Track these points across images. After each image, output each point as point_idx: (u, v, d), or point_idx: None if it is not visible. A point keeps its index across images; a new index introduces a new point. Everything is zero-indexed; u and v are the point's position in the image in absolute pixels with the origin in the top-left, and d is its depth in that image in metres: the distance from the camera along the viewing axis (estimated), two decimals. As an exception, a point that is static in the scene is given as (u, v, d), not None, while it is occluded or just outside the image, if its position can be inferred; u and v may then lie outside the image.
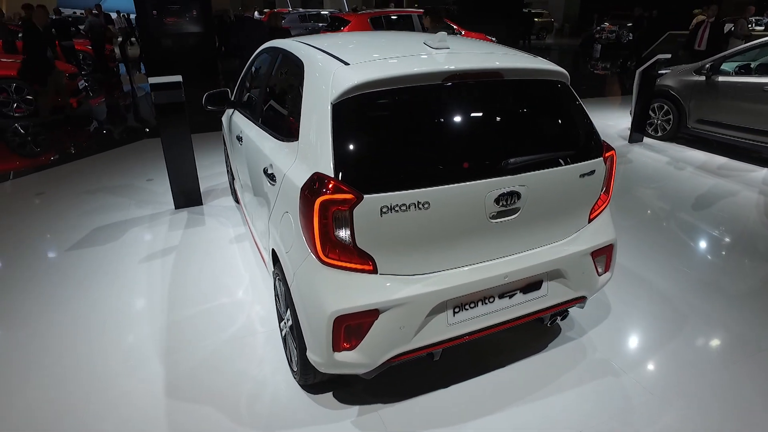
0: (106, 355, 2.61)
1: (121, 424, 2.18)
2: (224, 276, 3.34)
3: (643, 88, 6.41)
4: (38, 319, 2.92)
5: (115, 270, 3.44)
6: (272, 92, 2.85)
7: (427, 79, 1.91)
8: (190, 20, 11.71)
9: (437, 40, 2.19)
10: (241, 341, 2.70)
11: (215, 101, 3.57)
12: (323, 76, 2.00)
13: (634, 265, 3.46)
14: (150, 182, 5.14)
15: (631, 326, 2.82)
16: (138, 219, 4.26)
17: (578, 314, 2.89)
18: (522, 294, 2.16)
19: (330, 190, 1.75)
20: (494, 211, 1.95)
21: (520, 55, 2.27)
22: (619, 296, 3.09)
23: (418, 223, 1.84)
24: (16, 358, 2.59)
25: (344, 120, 1.84)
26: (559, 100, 2.21)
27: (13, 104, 8.27)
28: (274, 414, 2.22)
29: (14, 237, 3.99)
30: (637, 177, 5.40)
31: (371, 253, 1.85)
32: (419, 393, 2.34)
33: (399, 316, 1.90)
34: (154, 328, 2.82)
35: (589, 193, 2.24)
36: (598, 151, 2.20)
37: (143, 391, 2.36)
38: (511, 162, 1.94)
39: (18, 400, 2.31)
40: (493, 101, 2.07)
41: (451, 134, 1.94)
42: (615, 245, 2.40)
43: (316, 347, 1.93)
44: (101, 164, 5.93)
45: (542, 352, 2.61)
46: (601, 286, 2.42)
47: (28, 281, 3.33)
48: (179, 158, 4.28)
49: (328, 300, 1.85)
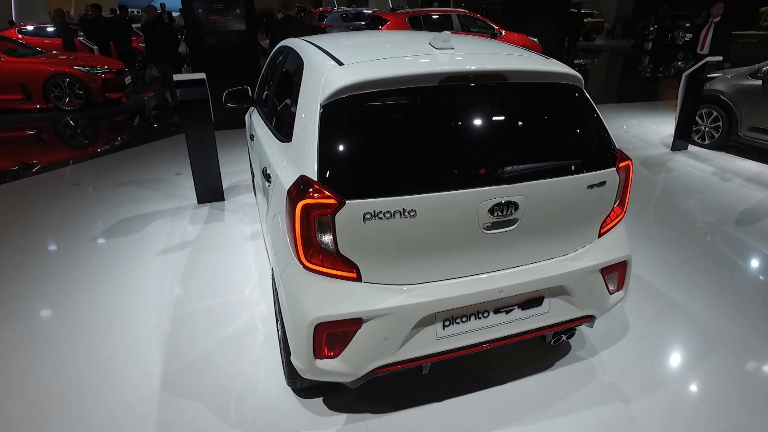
0: (110, 345, 2.67)
1: (117, 411, 2.22)
2: (234, 273, 3.37)
3: (689, 92, 6.03)
4: (52, 305, 3.03)
5: (132, 262, 3.53)
6: (278, 91, 2.84)
7: (422, 81, 1.83)
8: (233, 18, 11.98)
9: (441, 40, 2.10)
10: (240, 339, 2.70)
11: (235, 99, 3.59)
12: (317, 75, 1.95)
13: (663, 283, 3.23)
14: (179, 176, 5.27)
15: (649, 350, 2.62)
16: (161, 212, 4.37)
17: (591, 333, 2.72)
18: (520, 310, 2.04)
19: (312, 193, 1.70)
20: (489, 221, 1.84)
21: (530, 56, 2.14)
22: (640, 316, 2.89)
23: (404, 231, 1.76)
24: (24, 343, 2.69)
25: (332, 122, 1.78)
26: (569, 106, 2.07)
27: (65, 98, 8.70)
28: (261, 416, 2.20)
29: (45, 224, 4.18)
30: (678, 187, 5.07)
31: (355, 260, 1.79)
32: (410, 405, 2.26)
33: (383, 326, 1.83)
34: (159, 320, 2.86)
35: (599, 206, 2.09)
36: (610, 161, 2.05)
37: (139, 382, 2.39)
38: (508, 170, 1.83)
39: (20, 384, 2.39)
40: (494, 105, 1.95)
41: (443, 139, 1.85)
42: (629, 262, 2.24)
43: (299, 353, 1.89)
44: (137, 157, 6.15)
45: (547, 371, 2.47)
46: (613, 305, 2.26)
47: (48, 268, 3.47)
48: (203, 154, 4.36)
49: (309, 306, 1.80)
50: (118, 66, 9.44)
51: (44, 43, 11.35)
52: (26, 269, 3.45)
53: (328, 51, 2.15)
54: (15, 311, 2.98)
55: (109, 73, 8.98)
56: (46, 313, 2.97)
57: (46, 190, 5.03)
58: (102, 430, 2.13)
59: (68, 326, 2.84)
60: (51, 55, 9.38)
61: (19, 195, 4.93)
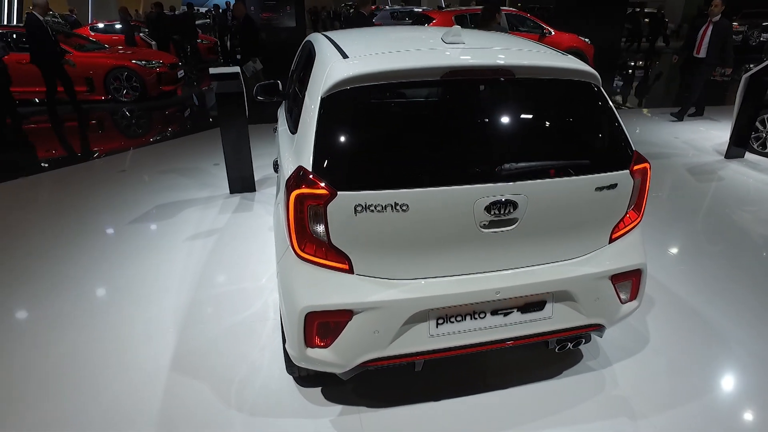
0: (131, 321, 2.81)
1: (128, 383, 2.35)
2: (254, 261, 3.45)
3: (749, 96, 5.63)
4: (81, 282, 3.23)
5: (161, 246, 3.69)
6: (295, 85, 2.88)
7: (423, 75, 1.80)
8: (284, 15, 12.27)
9: (452, 34, 2.06)
10: (250, 326, 2.77)
11: (266, 92, 3.67)
12: (322, 68, 1.97)
13: (696, 298, 3.03)
14: (216, 167, 5.45)
15: (667, 366, 2.47)
16: (195, 200, 4.55)
17: (606, 343, 2.60)
18: (520, 313, 1.98)
19: (306, 184, 1.72)
20: (485, 220, 1.80)
21: (542, 52, 2.07)
22: (663, 330, 2.73)
23: (396, 225, 1.74)
24: (49, 316, 2.88)
25: (331, 114, 1.79)
26: (582, 104, 1.99)
27: (123, 90, 9.21)
28: (261, 400, 2.25)
29: (89, 207, 4.45)
30: (730, 198, 4.74)
31: (347, 251, 1.79)
32: (406, 402, 2.24)
33: (373, 319, 1.83)
34: (178, 302, 2.98)
35: (609, 210, 1.99)
36: (623, 163, 1.95)
37: (153, 358, 2.51)
38: (507, 168, 1.78)
39: (47, 350, 2.56)
40: (498, 101, 1.90)
41: (441, 134, 1.82)
42: (644, 271, 2.12)
43: (291, 340, 1.92)
44: (180, 147, 6.43)
45: (553, 379, 2.38)
46: (624, 316, 2.16)
47: (86, 248, 3.69)
48: (236, 145, 4.49)
49: (300, 295, 1.83)
50: (172, 60, 9.90)
51: (112, 40, 12.05)
52: (72, 247, 3.69)
53: (338, 45, 2.16)
54: (59, 285, 3.19)
55: (164, 66, 9.42)
56: (80, 289, 3.16)
57: (96, 176, 5.35)
58: (112, 400, 2.25)
59: (96, 302, 3.02)
60: (113, 50, 9.95)
61: (73, 179, 5.27)
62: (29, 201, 4.64)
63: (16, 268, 3.40)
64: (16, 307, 2.98)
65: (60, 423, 2.14)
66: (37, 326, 2.80)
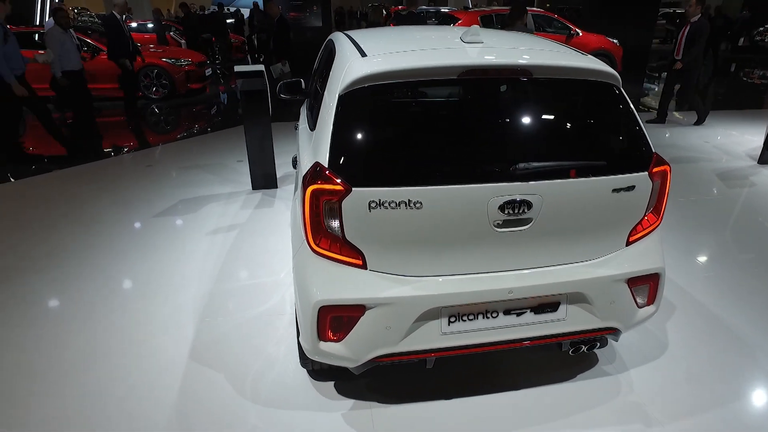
0: (152, 312, 2.90)
1: (145, 373, 2.42)
2: (273, 257, 3.51)
3: (784, 100, 5.44)
4: (106, 271, 3.34)
5: (184, 239, 3.79)
6: (316, 83, 2.92)
7: (440, 73, 1.81)
8: (311, 15, 12.38)
9: (470, 34, 2.07)
10: (267, 319, 2.82)
11: (289, 90, 3.73)
12: (341, 67, 2.00)
13: (720, 306, 2.94)
14: (239, 163, 5.55)
15: (687, 375, 2.42)
16: (218, 195, 4.65)
17: (623, 348, 2.56)
18: (533, 314, 1.97)
19: (321, 179, 1.75)
20: (499, 219, 1.80)
21: (562, 52, 2.05)
22: (683, 337, 2.68)
23: (410, 222, 1.76)
24: (74, 303, 2.98)
25: (348, 111, 1.81)
26: (601, 104, 1.97)
27: (153, 87, 9.44)
28: (274, 393, 2.29)
29: (117, 200, 4.59)
30: (763, 204, 4.57)
31: (361, 247, 1.81)
32: (418, 399, 2.25)
33: (385, 315, 1.85)
34: (198, 294, 3.06)
35: (627, 212, 1.97)
36: (642, 165, 1.92)
37: (173, 348, 2.58)
38: (521, 167, 1.77)
39: (76, 335, 2.66)
40: (516, 100, 1.90)
41: (457, 133, 1.82)
42: (662, 276, 2.08)
43: (305, 333, 1.95)
44: (206, 143, 6.57)
45: (568, 382, 2.36)
46: (641, 320, 2.12)
47: (113, 239, 3.81)
48: (259, 142, 4.57)
49: (314, 288, 1.86)
50: (201, 59, 10.10)
51: (144, 38, 12.40)
52: (100, 238, 3.82)
53: (358, 43, 2.19)
54: (85, 274, 3.31)
55: (192, 65, 9.63)
56: (104, 279, 3.26)
57: (124, 170, 5.51)
58: (132, 386, 2.33)
59: (119, 292, 3.12)
60: (145, 48, 10.21)
61: (102, 173, 5.44)
62: (61, 193, 4.81)
63: (45, 256, 3.54)
64: (44, 294, 3.10)
65: (79, 407, 2.22)
66: (63, 313, 2.91)
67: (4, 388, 2.32)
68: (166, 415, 2.17)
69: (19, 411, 2.20)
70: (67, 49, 6.25)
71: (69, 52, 6.30)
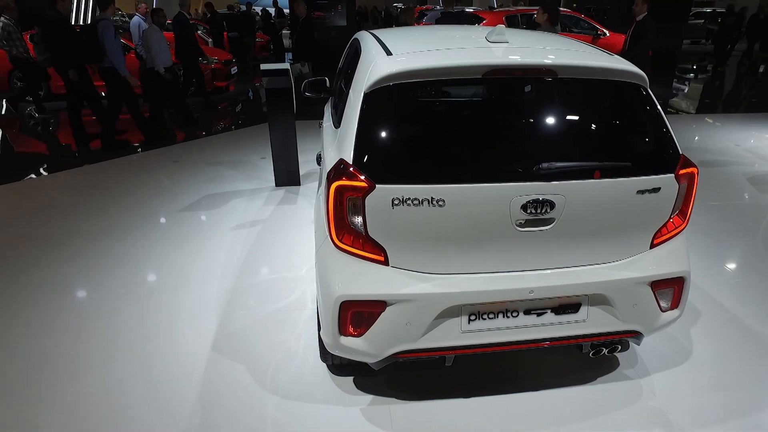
0: (175, 303, 2.97)
1: (169, 362, 2.48)
2: (295, 252, 3.56)
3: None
4: (132, 262, 3.44)
5: (208, 234, 3.87)
6: (341, 81, 2.95)
7: (465, 73, 1.82)
8: (335, 14, 12.47)
9: (495, 33, 2.07)
10: (288, 314, 2.86)
11: (313, 88, 3.77)
12: (366, 65, 2.02)
13: (748, 313, 2.87)
14: (263, 160, 5.63)
15: (712, 382, 2.37)
16: (242, 191, 4.73)
17: (645, 352, 2.53)
18: (553, 314, 1.97)
19: (346, 176, 1.77)
20: (521, 218, 1.80)
21: (588, 52, 2.04)
22: (708, 343, 2.62)
23: (432, 220, 1.77)
24: (102, 293, 3.08)
25: (373, 109, 1.84)
26: (627, 105, 1.95)
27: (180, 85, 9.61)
28: (294, 386, 2.33)
29: (144, 194, 4.71)
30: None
31: (383, 243, 1.84)
32: (436, 396, 2.26)
33: (406, 312, 1.86)
34: (221, 288, 3.12)
35: (652, 214, 1.94)
36: (668, 167, 1.89)
37: (195, 339, 2.64)
38: (545, 167, 1.77)
39: (104, 323, 2.75)
40: (540, 100, 1.90)
41: (480, 132, 1.83)
42: (687, 279, 2.06)
43: (326, 328, 1.98)
44: (231, 140, 6.68)
45: (587, 385, 2.34)
46: (664, 324, 2.10)
47: (140, 232, 3.92)
48: (283, 140, 4.63)
49: (336, 283, 1.89)
50: (227, 57, 10.25)
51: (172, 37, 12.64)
52: (127, 231, 3.93)
53: (383, 42, 2.21)
54: (112, 264, 3.41)
55: (218, 63, 9.78)
56: (131, 270, 3.36)
57: (152, 165, 5.64)
58: (154, 377, 2.39)
59: (146, 283, 3.22)
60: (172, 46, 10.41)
61: (131, 168, 5.58)
62: (94, 185, 4.95)
63: (74, 247, 3.66)
64: (73, 282, 3.21)
65: (102, 395, 2.29)
66: (90, 302, 3.00)
67: (31, 373, 2.41)
68: (187, 405, 2.22)
69: (44, 396, 2.28)
70: (162, 47, 6.72)
71: (163, 51, 6.75)
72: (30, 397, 2.27)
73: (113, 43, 5.65)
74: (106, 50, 5.62)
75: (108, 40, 5.60)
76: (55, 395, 2.28)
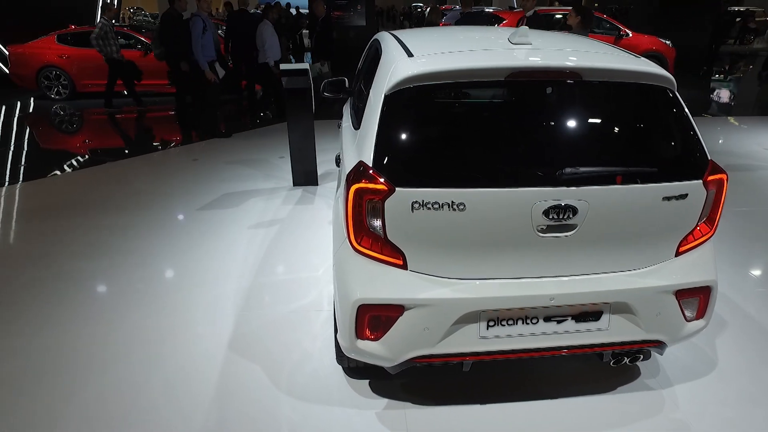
0: (193, 301, 2.99)
1: (186, 360, 2.50)
2: (312, 253, 3.56)
3: None
4: (150, 259, 3.49)
5: (226, 232, 3.90)
6: (361, 82, 2.94)
7: (488, 75, 1.80)
8: (354, 14, 12.48)
9: (518, 35, 2.04)
10: (305, 314, 2.86)
11: (332, 89, 3.77)
12: (387, 66, 2.01)
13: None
14: (281, 159, 5.66)
15: (739, 395, 2.30)
16: (260, 191, 4.76)
17: (667, 362, 2.47)
18: (574, 322, 1.93)
19: (365, 179, 1.76)
20: (543, 224, 1.76)
21: (613, 54, 1.99)
22: (733, 354, 2.55)
23: (452, 224, 1.75)
24: (121, 289, 3.12)
25: (393, 111, 1.82)
26: (654, 109, 1.90)
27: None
28: (310, 387, 2.33)
29: (164, 192, 4.77)
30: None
31: (402, 247, 1.82)
32: (453, 402, 2.24)
33: (424, 316, 1.84)
34: (239, 286, 3.14)
35: (678, 221, 1.89)
36: (696, 173, 1.84)
37: (212, 338, 2.66)
38: (568, 172, 1.73)
39: (121, 321, 2.79)
40: (563, 104, 1.85)
41: (502, 135, 1.80)
42: (714, 289, 2.00)
43: (343, 331, 1.97)
44: (250, 139, 6.73)
45: (608, 394, 2.30)
46: (689, 334, 2.04)
47: (159, 229, 3.96)
48: (301, 139, 4.65)
49: (354, 287, 1.87)
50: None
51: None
52: (146, 228, 3.99)
53: (404, 43, 2.19)
54: (131, 262, 3.46)
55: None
56: (150, 267, 3.40)
57: (172, 163, 5.73)
58: (173, 373, 2.41)
59: (164, 281, 3.25)
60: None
61: (151, 165, 5.67)
62: (116, 182, 5.04)
63: (95, 242, 3.72)
64: (92, 279, 3.26)
65: (121, 391, 2.32)
66: (108, 298, 3.04)
67: (47, 371, 2.45)
68: (202, 405, 2.23)
69: (60, 394, 2.32)
70: (273, 43, 7.16)
71: (274, 46, 7.27)
72: (46, 395, 2.30)
73: (198, 38, 6.04)
74: (192, 43, 6.06)
75: (194, 35, 6.03)
76: (71, 393, 2.31)
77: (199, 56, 6.13)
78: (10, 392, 2.31)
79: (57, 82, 9.29)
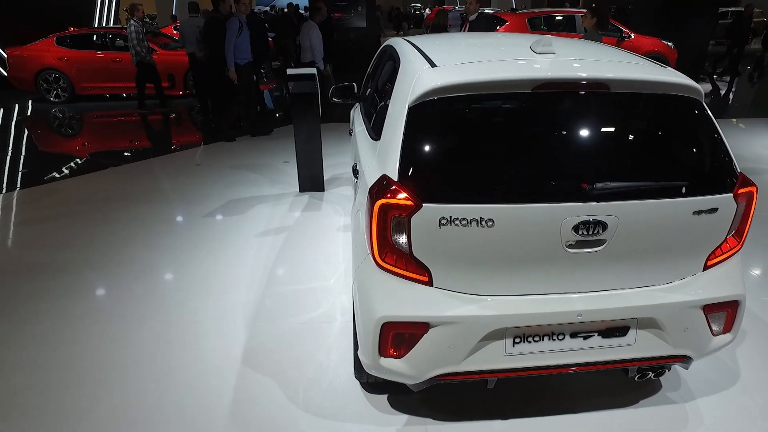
0: (202, 312, 2.94)
1: (198, 375, 2.45)
2: (322, 261, 3.52)
3: None
4: (155, 270, 3.43)
5: (233, 241, 3.84)
6: (376, 90, 2.90)
7: (514, 87, 1.76)
8: (355, 16, 12.45)
9: (542, 44, 2.00)
10: (318, 326, 2.82)
11: (341, 94, 3.72)
12: (409, 76, 1.96)
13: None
14: (286, 164, 5.61)
15: (760, 408, 2.26)
16: (265, 197, 4.70)
17: (689, 376, 2.43)
18: (601, 338, 1.89)
19: (391, 194, 1.72)
20: (572, 240, 1.72)
21: (640, 64, 1.96)
22: (757, 367, 2.50)
23: (480, 240, 1.71)
24: (127, 300, 3.06)
25: (418, 123, 1.78)
26: (682, 121, 1.86)
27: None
28: (327, 402, 2.28)
29: (167, 198, 4.71)
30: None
31: (428, 263, 1.78)
32: (474, 418, 2.20)
33: (449, 334, 1.80)
34: (249, 297, 3.09)
35: (707, 235, 1.86)
36: (727, 186, 1.81)
37: (223, 351, 2.61)
38: (598, 187, 1.69)
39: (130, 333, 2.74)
40: (591, 116, 1.81)
41: (531, 149, 1.76)
42: (742, 303, 1.96)
43: (365, 348, 1.93)
44: (254, 143, 6.67)
45: (629, 408, 2.26)
46: (715, 349, 2.01)
47: (164, 238, 3.91)
48: (307, 145, 4.60)
49: (378, 304, 1.83)
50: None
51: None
52: (151, 236, 3.93)
53: (424, 52, 2.15)
54: (136, 272, 3.40)
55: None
56: (156, 278, 3.35)
57: (174, 168, 5.66)
58: (185, 388, 2.36)
59: (170, 293, 3.19)
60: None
61: (153, 171, 5.60)
62: (120, 188, 4.98)
63: (98, 251, 3.66)
64: (96, 290, 3.21)
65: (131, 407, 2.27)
66: (116, 309, 2.99)
67: (57, 385, 2.40)
68: (217, 423, 2.18)
69: (70, 408, 2.26)
70: (317, 43, 7.18)
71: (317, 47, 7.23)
72: (56, 410, 2.25)
73: (232, 38, 6.15)
74: (225, 43, 6.17)
75: (228, 34, 6.14)
76: (82, 408, 2.26)
77: (228, 55, 6.22)
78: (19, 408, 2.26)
79: (56, 85, 9.21)
